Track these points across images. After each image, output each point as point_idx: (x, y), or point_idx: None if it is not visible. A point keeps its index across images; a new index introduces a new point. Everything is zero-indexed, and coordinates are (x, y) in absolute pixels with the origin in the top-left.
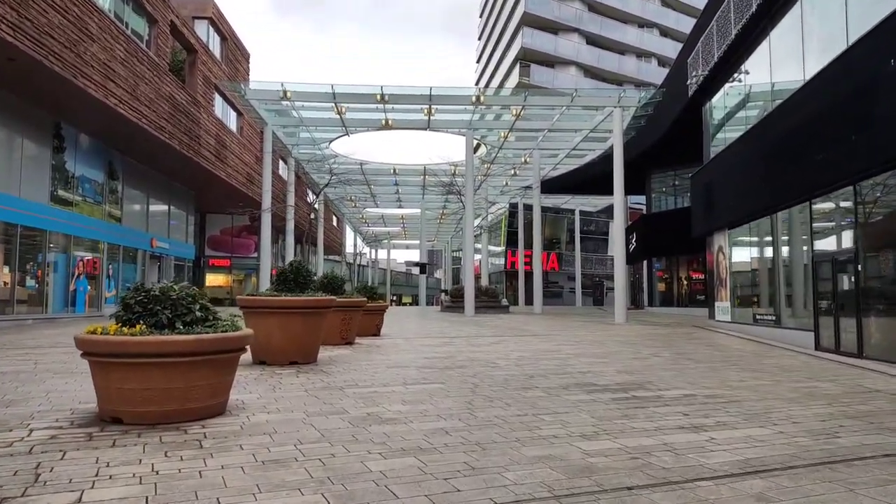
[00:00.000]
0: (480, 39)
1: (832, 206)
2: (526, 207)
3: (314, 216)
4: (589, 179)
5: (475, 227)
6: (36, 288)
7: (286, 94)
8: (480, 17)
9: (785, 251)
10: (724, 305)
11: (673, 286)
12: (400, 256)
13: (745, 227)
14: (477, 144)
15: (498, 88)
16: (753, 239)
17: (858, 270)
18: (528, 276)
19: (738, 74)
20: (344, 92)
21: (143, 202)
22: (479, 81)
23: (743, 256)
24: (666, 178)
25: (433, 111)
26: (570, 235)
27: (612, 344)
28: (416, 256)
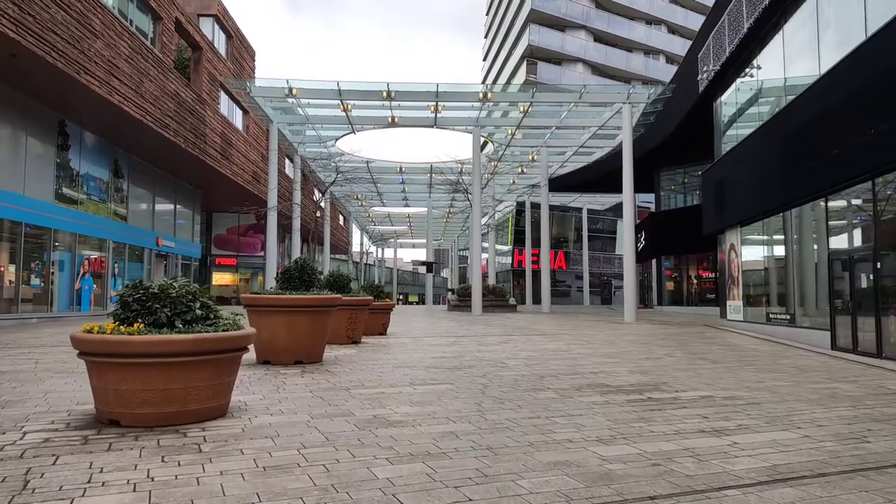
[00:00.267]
0: (487, 37)
1: (848, 202)
2: (533, 206)
3: (320, 214)
4: (597, 177)
5: (482, 225)
6: (41, 287)
7: (291, 91)
8: (487, 14)
9: (799, 248)
10: (735, 304)
11: (682, 285)
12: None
13: (757, 224)
14: (484, 142)
15: (505, 85)
16: (767, 236)
17: (877, 268)
18: (535, 274)
19: (749, 69)
20: (350, 89)
21: (148, 201)
22: (485, 79)
23: (755, 254)
24: (675, 175)
25: (440, 108)
26: (577, 234)
27: (623, 343)
28: (422, 255)
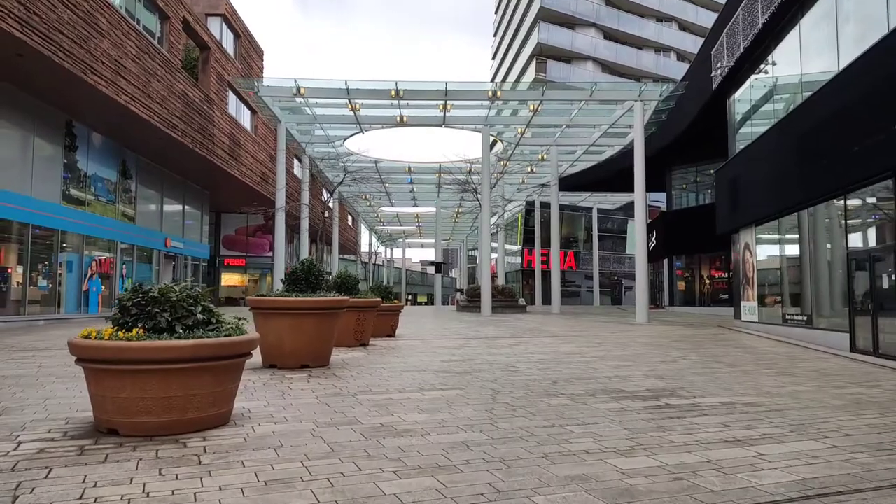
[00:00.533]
0: (496, 36)
1: (869, 200)
2: (543, 205)
3: (328, 214)
4: (607, 176)
5: (491, 225)
6: (48, 288)
7: (300, 90)
8: (496, 13)
9: (816, 248)
10: (750, 305)
11: (694, 285)
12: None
13: (773, 223)
14: (493, 141)
15: (515, 83)
16: (783, 236)
17: None
18: (545, 275)
19: (764, 66)
20: (358, 88)
21: (157, 201)
22: (494, 78)
23: (771, 254)
24: (687, 174)
25: (449, 107)
26: (587, 234)
27: (636, 345)
28: (431, 256)
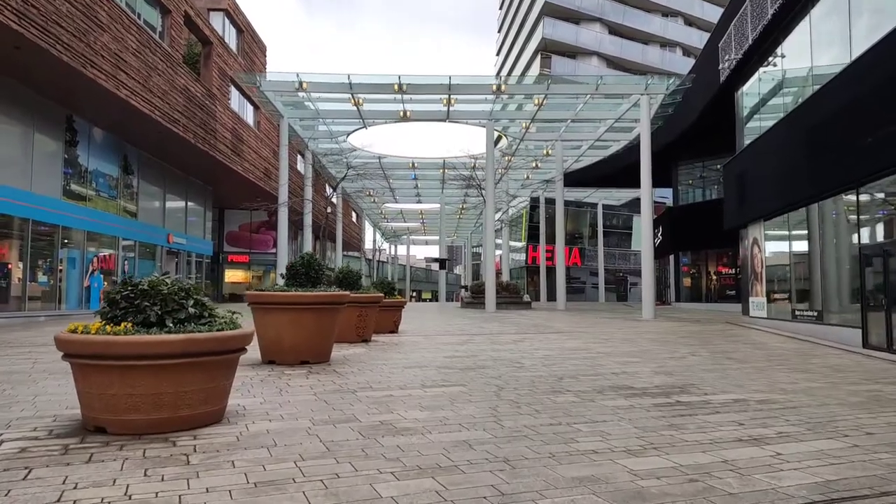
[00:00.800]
0: (500, 32)
1: (881, 193)
2: (548, 201)
3: (331, 210)
4: (613, 171)
5: (496, 221)
6: (49, 284)
7: (302, 84)
8: (500, 8)
9: (827, 242)
10: (759, 301)
11: (701, 281)
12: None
13: (782, 217)
14: (498, 136)
15: (520, 77)
16: (792, 231)
17: None
18: (549, 271)
19: (773, 58)
20: (361, 82)
21: (159, 197)
22: (499, 74)
23: (780, 249)
24: (693, 169)
25: (453, 101)
26: (592, 230)
27: (643, 341)
28: (435, 252)
